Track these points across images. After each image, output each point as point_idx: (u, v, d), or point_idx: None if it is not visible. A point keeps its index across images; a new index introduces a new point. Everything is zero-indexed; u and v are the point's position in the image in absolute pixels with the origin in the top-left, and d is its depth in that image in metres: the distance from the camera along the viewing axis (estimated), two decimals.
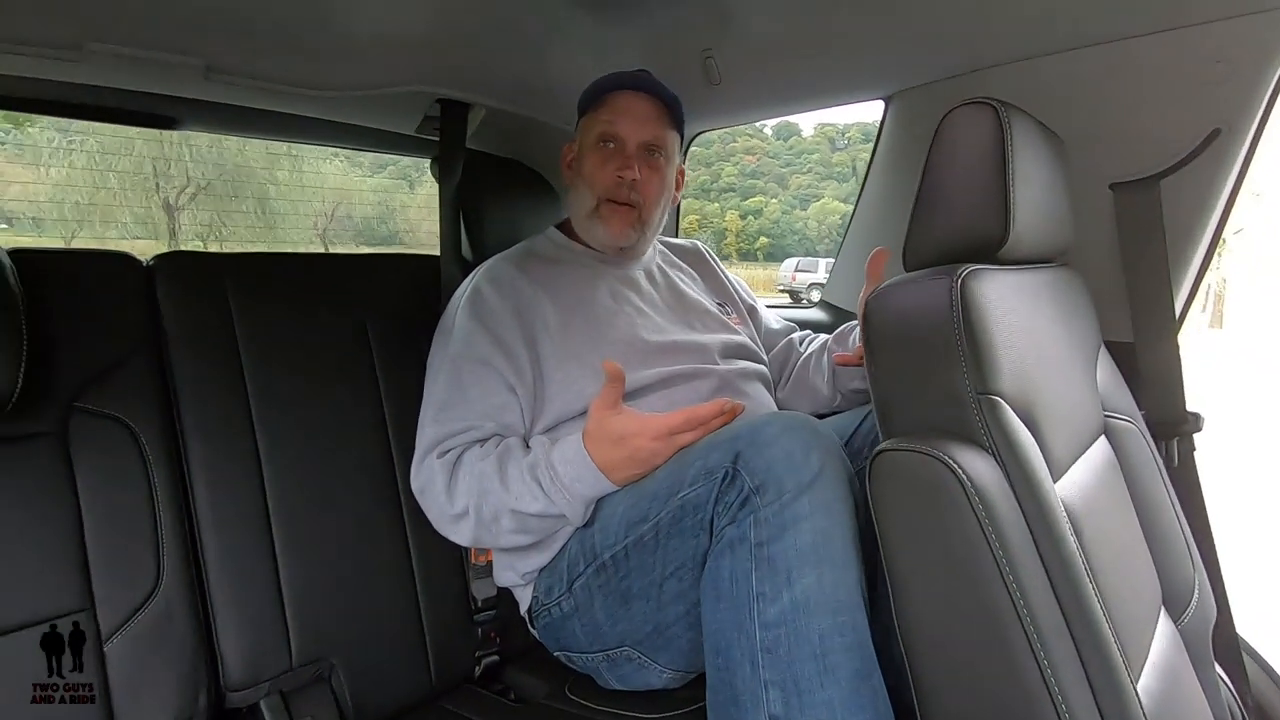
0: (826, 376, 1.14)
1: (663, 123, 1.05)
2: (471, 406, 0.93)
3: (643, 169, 1.03)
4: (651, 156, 1.05)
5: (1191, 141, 0.89)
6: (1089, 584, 0.61)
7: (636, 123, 1.03)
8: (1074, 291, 0.89)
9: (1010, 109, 0.71)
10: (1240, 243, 14.89)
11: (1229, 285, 15.58)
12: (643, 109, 1.04)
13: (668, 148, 1.06)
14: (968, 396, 0.61)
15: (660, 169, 1.06)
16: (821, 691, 0.64)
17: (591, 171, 1.05)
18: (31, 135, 11.82)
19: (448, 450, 0.91)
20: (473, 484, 0.88)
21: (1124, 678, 0.60)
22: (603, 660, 0.93)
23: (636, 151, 1.03)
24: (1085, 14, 0.88)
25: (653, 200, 1.06)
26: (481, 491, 0.87)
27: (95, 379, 0.85)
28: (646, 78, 1.04)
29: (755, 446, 0.71)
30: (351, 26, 0.99)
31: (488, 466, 0.88)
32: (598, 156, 1.04)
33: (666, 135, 1.06)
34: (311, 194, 15.50)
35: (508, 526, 0.88)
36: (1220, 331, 14.89)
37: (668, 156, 1.07)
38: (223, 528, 0.90)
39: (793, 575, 0.67)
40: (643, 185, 1.03)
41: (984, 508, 0.57)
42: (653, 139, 1.04)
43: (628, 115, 1.03)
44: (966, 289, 0.63)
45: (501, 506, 0.86)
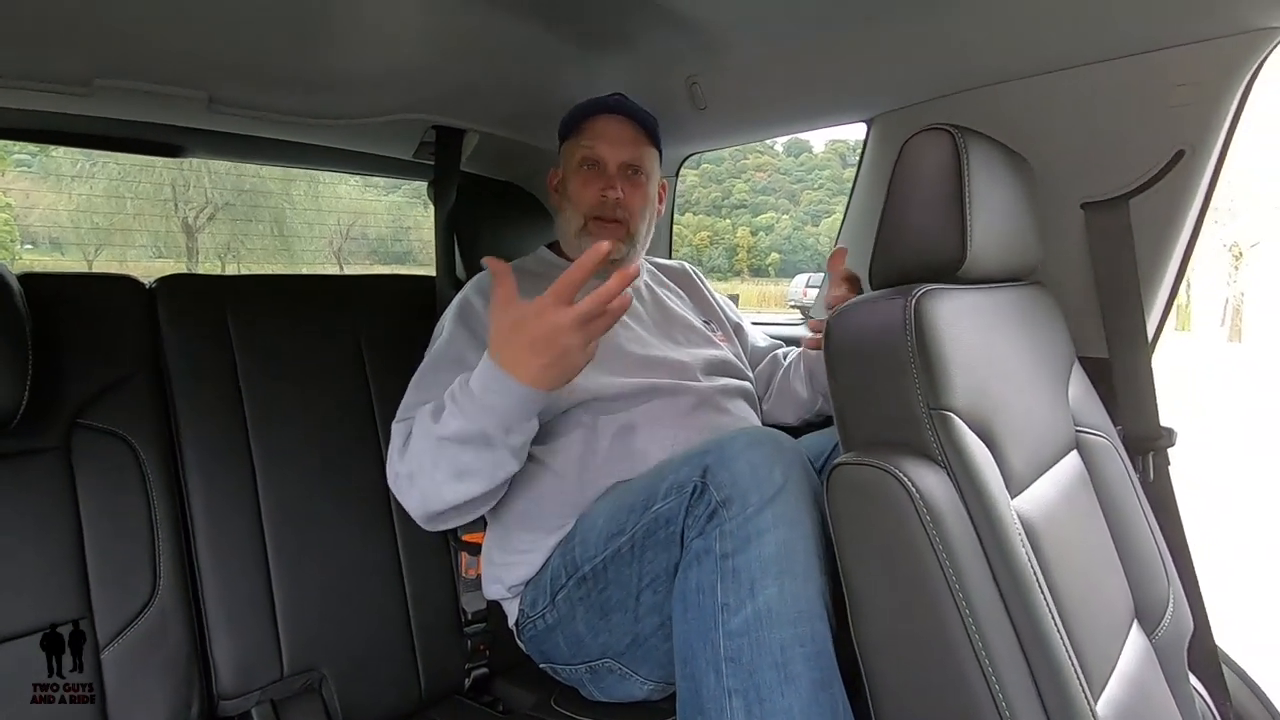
0: (805, 379, 1.17)
1: (641, 143, 1.10)
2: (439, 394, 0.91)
3: (625, 187, 1.08)
4: (633, 176, 1.10)
5: (1158, 162, 0.90)
6: (1041, 597, 0.62)
7: (616, 145, 1.08)
8: (1043, 309, 0.91)
9: (968, 134, 0.73)
10: (1256, 256, 14.73)
11: (1246, 299, 15.40)
12: (621, 132, 1.09)
13: (647, 166, 1.11)
14: (921, 412, 0.63)
15: (642, 185, 1.11)
16: (782, 699, 0.66)
17: (576, 193, 1.09)
18: (55, 159, 12.14)
19: (407, 418, 0.92)
20: (417, 435, 0.86)
21: (1076, 690, 0.61)
22: (586, 672, 0.95)
23: (618, 171, 1.08)
24: (1053, 40, 0.90)
25: (637, 214, 1.10)
26: (421, 435, 0.85)
27: (98, 397, 0.89)
28: (622, 101, 1.09)
29: (722, 461, 0.74)
30: (348, 59, 1.03)
31: (426, 413, 0.86)
32: (581, 179, 1.09)
33: (645, 154, 1.11)
34: (327, 214, 15.77)
35: (445, 470, 0.83)
36: (1239, 345, 14.69)
37: (648, 174, 1.11)
38: (218, 541, 0.93)
39: (756, 586, 0.68)
40: (626, 201, 1.08)
41: (933, 520, 0.59)
42: (632, 159, 1.09)
43: (606, 139, 1.08)
44: (920, 308, 0.65)
45: (430, 439, 0.83)
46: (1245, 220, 14.34)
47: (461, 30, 1.04)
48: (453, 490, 0.85)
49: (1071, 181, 0.98)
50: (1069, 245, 1.00)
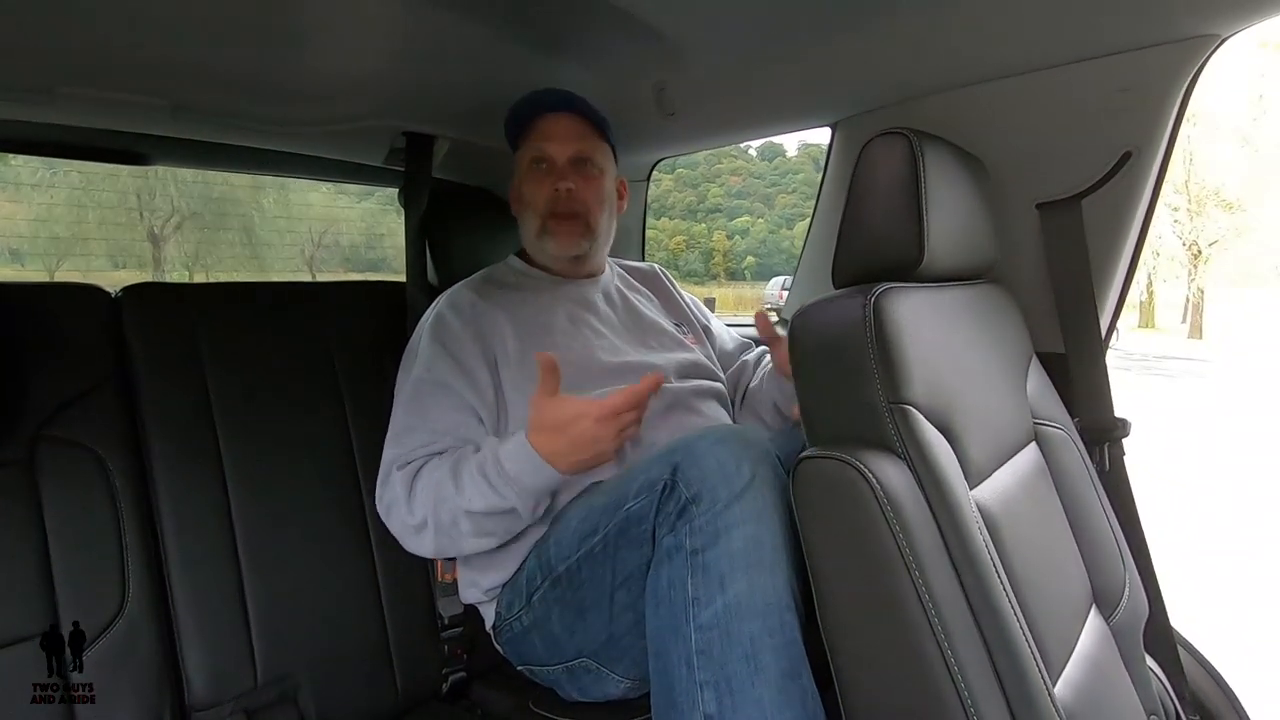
0: (770, 410, 1.18)
1: (589, 137, 1.10)
2: (430, 425, 0.96)
3: (576, 180, 1.07)
4: (583, 168, 1.09)
5: (1107, 163, 0.94)
6: (999, 582, 0.64)
7: (562, 141, 1.08)
8: (1000, 306, 0.94)
9: (924, 137, 0.76)
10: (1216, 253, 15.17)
11: (1206, 297, 15.85)
12: (567, 127, 1.08)
13: (597, 159, 1.11)
14: (881, 406, 0.65)
15: (595, 179, 1.10)
16: (752, 690, 0.67)
17: (531, 194, 1.09)
18: (14, 168, 11.83)
19: (407, 463, 0.94)
20: (430, 492, 0.90)
21: (1034, 671, 0.63)
22: (563, 672, 0.96)
23: (568, 165, 1.08)
24: (1007, 47, 0.93)
25: (594, 206, 1.10)
26: (439, 499, 0.89)
27: (63, 408, 0.88)
28: (566, 96, 1.08)
29: (691, 458, 0.75)
30: (316, 65, 1.03)
31: (443, 473, 0.90)
32: (533, 180, 1.09)
33: (594, 147, 1.10)
34: (298, 221, 15.54)
35: (466, 530, 0.89)
36: (1200, 342, 15.11)
37: (600, 168, 1.11)
38: (188, 551, 0.92)
39: (725, 580, 0.70)
40: (579, 194, 1.08)
41: (893, 509, 0.61)
42: (579, 152, 1.08)
43: (552, 137, 1.08)
44: (879, 306, 0.67)
45: (457, 509, 0.88)
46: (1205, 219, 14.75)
47: (429, 36, 1.04)
48: (473, 544, 0.92)
49: (1026, 182, 1.02)
50: (1025, 244, 1.04)
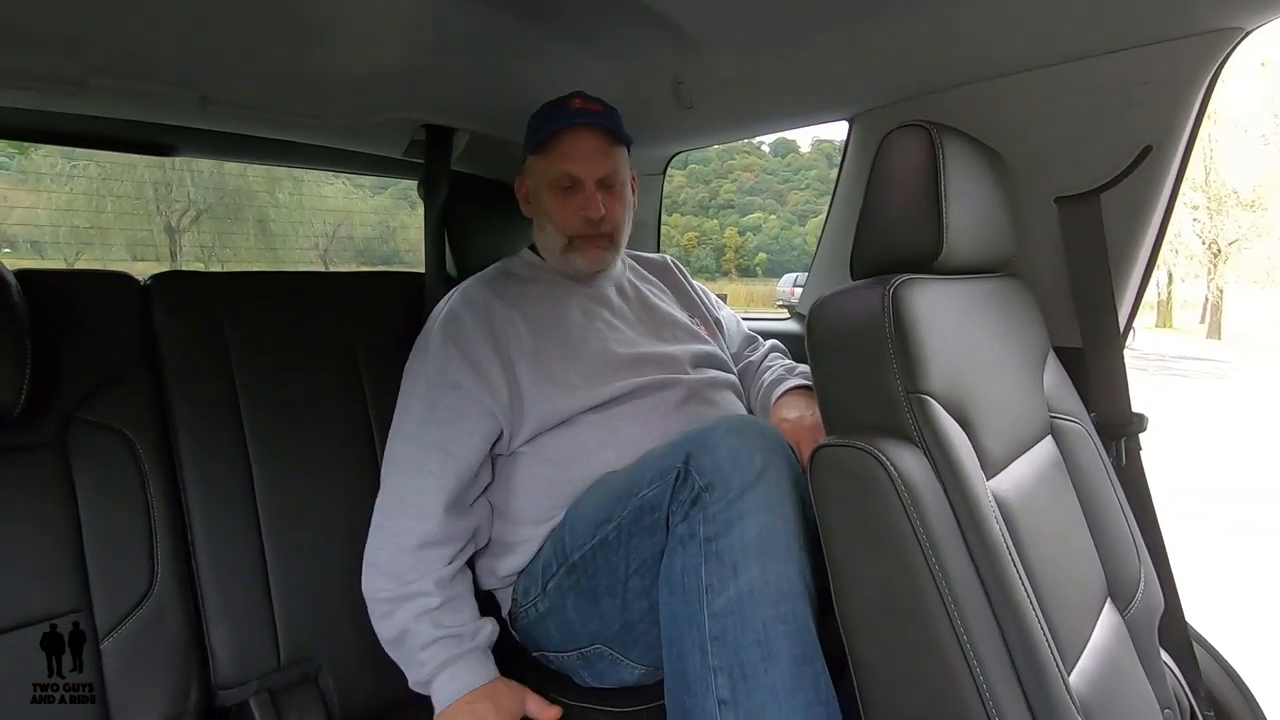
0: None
1: (612, 152, 1.07)
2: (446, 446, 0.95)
3: (605, 201, 1.05)
4: (610, 186, 1.07)
5: (1126, 158, 0.94)
6: (1015, 572, 0.65)
7: (589, 161, 1.04)
8: (1018, 300, 0.94)
9: (944, 130, 0.76)
10: (1236, 253, 14.96)
11: (1225, 297, 15.64)
12: (592, 146, 1.05)
13: (621, 173, 1.09)
14: (899, 396, 0.66)
15: (619, 193, 1.09)
16: (765, 676, 0.68)
17: (556, 212, 1.07)
18: (35, 160, 11.99)
19: (411, 582, 0.92)
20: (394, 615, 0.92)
21: (1049, 661, 0.64)
22: (577, 659, 0.97)
23: (596, 188, 1.05)
24: (1024, 39, 0.93)
25: (620, 223, 1.09)
26: (402, 621, 0.91)
27: (94, 392, 0.90)
28: (585, 108, 1.05)
29: (704, 447, 0.76)
30: (341, 59, 1.05)
31: (420, 605, 0.91)
32: (558, 199, 1.06)
33: (618, 161, 1.08)
34: (312, 215, 15.66)
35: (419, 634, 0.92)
36: (1219, 343, 14.92)
37: (624, 179, 1.10)
38: (214, 532, 0.94)
39: (739, 568, 0.71)
40: (609, 216, 1.06)
41: (910, 498, 0.61)
42: (608, 174, 1.06)
43: (578, 157, 1.04)
44: (898, 297, 0.68)
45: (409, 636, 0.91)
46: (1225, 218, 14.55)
47: (451, 30, 1.06)
48: (383, 626, 0.94)
49: (1045, 176, 1.02)
50: (1043, 239, 1.04)
